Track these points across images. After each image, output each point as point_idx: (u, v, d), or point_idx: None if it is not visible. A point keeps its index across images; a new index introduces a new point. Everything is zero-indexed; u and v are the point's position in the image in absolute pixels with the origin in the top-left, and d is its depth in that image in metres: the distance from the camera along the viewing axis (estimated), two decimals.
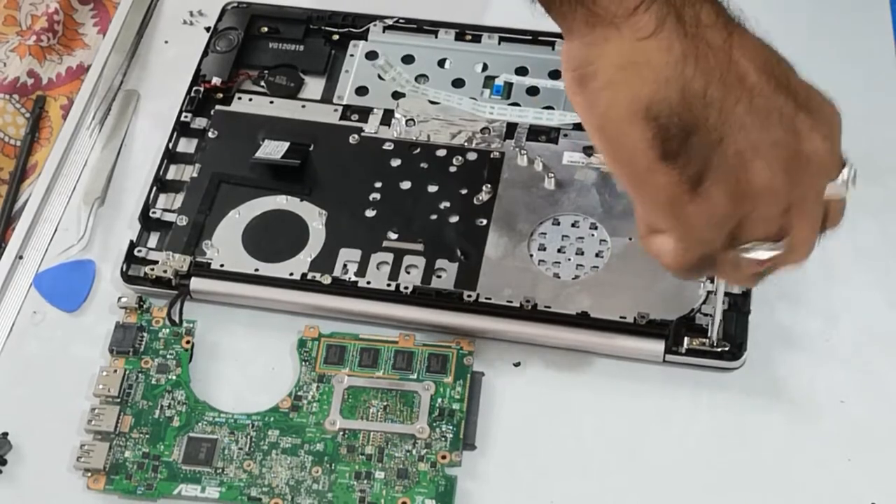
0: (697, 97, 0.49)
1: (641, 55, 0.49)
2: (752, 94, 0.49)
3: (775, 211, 0.51)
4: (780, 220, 0.51)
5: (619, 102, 0.50)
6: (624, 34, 0.49)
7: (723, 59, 0.49)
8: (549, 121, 0.74)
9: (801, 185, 0.51)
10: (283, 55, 0.79)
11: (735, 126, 0.49)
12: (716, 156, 0.49)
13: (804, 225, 0.52)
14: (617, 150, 0.51)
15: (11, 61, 0.81)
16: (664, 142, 0.49)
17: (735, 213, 0.50)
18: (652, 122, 0.49)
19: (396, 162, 0.73)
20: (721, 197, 0.50)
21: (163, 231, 0.72)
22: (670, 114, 0.49)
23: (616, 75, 0.50)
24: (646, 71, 0.49)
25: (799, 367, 0.66)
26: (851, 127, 0.74)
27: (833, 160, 0.52)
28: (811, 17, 0.80)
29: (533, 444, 0.64)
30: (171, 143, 0.75)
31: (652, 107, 0.49)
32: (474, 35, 0.79)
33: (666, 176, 0.49)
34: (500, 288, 0.68)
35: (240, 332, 0.69)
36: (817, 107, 0.51)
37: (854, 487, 0.62)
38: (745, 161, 0.49)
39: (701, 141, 0.49)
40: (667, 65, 0.49)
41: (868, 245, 0.70)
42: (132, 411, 0.65)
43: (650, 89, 0.49)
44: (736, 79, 0.49)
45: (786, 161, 0.50)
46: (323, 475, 0.63)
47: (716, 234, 0.51)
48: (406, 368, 0.66)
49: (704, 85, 0.49)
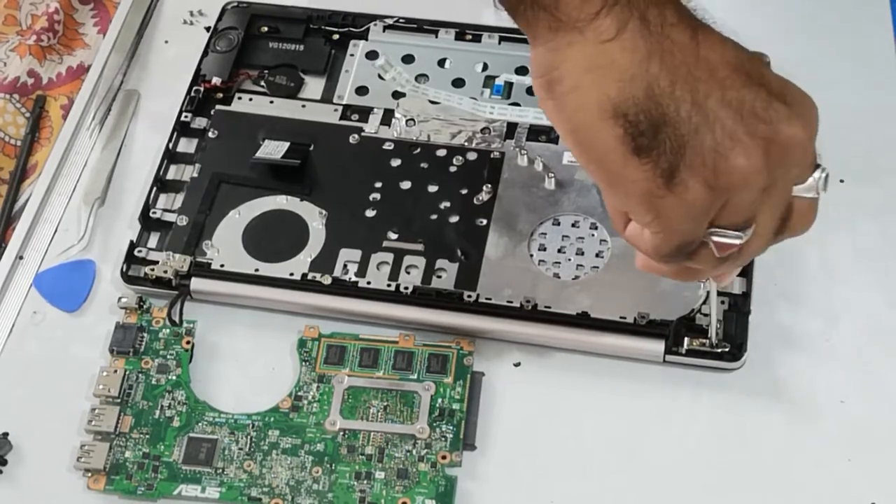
0: (665, 93, 0.49)
1: (606, 57, 0.50)
2: (722, 87, 0.50)
3: (750, 200, 0.51)
4: (752, 209, 0.52)
5: (587, 104, 0.50)
6: (587, 38, 0.50)
7: (689, 56, 0.50)
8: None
9: (776, 174, 0.51)
10: (284, 55, 0.79)
11: (709, 118, 0.49)
12: (689, 148, 0.49)
13: (768, 213, 0.52)
14: (589, 150, 0.51)
15: (12, 61, 0.81)
16: (634, 138, 0.49)
17: (714, 204, 0.51)
18: (620, 120, 0.49)
19: (396, 162, 0.73)
20: (699, 188, 0.50)
21: (163, 231, 0.72)
22: (638, 110, 0.49)
23: (582, 78, 0.50)
24: (611, 72, 0.50)
25: (799, 368, 0.66)
26: (851, 127, 0.75)
27: (809, 150, 0.52)
28: (811, 16, 0.80)
29: (533, 445, 0.64)
30: (172, 143, 0.75)
31: (619, 105, 0.49)
32: (474, 35, 0.79)
33: (639, 171, 0.50)
34: (501, 288, 0.68)
35: (240, 332, 0.69)
36: (794, 98, 0.52)
37: (854, 487, 0.62)
38: (722, 151, 0.50)
39: (672, 134, 0.49)
40: (632, 64, 0.50)
41: (868, 245, 0.70)
42: (132, 411, 0.65)
43: (617, 88, 0.50)
44: (705, 73, 0.50)
45: (763, 149, 0.50)
46: (323, 475, 0.63)
47: (694, 224, 0.51)
48: (406, 369, 0.66)
49: (671, 81, 0.49)
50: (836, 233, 0.70)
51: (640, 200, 0.51)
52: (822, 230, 0.70)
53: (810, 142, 0.52)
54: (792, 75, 0.72)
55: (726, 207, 0.51)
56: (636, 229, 0.54)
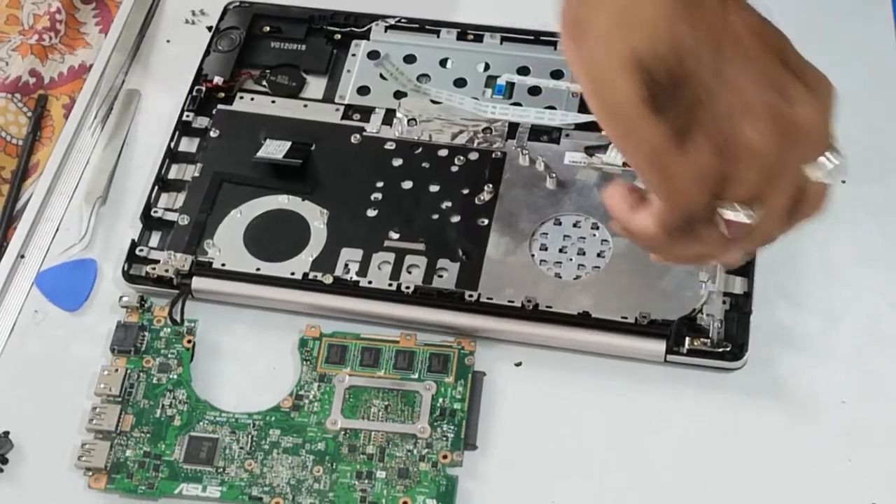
0: (690, 53, 0.49)
1: (635, 9, 0.50)
2: (746, 57, 0.50)
3: (758, 175, 0.51)
4: (760, 185, 0.51)
5: (610, 54, 0.50)
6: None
7: (717, 21, 0.50)
8: (551, 121, 0.74)
9: (788, 153, 0.51)
10: (285, 55, 0.79)
11: (728, 84, 0.49)
12: (705, 111, 0.49)
13: (779, 194, 0.52)
14: (606, 101, 0.51)
15: (13, 60, 0.81)
16: (653, 93, 0.49)
17: (720, 171, 0.51)
18: (643, 73, 0.49)
19: (398, 161, 0.74)
20: (707, 152, 0.50)
21: (164, 230, 0.72)
22: (660, 66, 0.49)
23: (609, 28, 0.50)
24: (639, 24, 0.49)
25: (800, 368, 0.66)
26: (852, 127, 0.74)
27: (823, 134, 0.52)
28: (811, 16, 0.80)
29: (534, 444, 0.64)
30: (173, 143, 0.75)
31: (644, 58, 0.49)
32: (476, 35, 0.79)
33: (653, 127, 0.50)
34: (502, 288, 0.68)
35: (241, 331, 0.69)
36: (813, 79, 0.52)
37: (854, 488, 0.62)
38: (736, 119, 0.49)
39: (690, 95, 0.49)
40: (661, 18, 0.49)
41: (869, 245, 0.70)
42: (133, 410, 0.65)
43: (642, 41, 0.49)
44: (730, 40, 0.50)
45: (777, 125, 0.50)
46: (324, 475, 0.63)
47: (699, 189, 0.51)
48: (407, 368, 0.66)
49: (697, 42, 0.49)
50: (837, 233, 0.70)
51: (650, 158, 0.51)
52: (823, 230, 0.70)
53: (825, 125, 0.52)
54: None
55: (733, 181, 0.51)
56: (643, 217, 0.54)
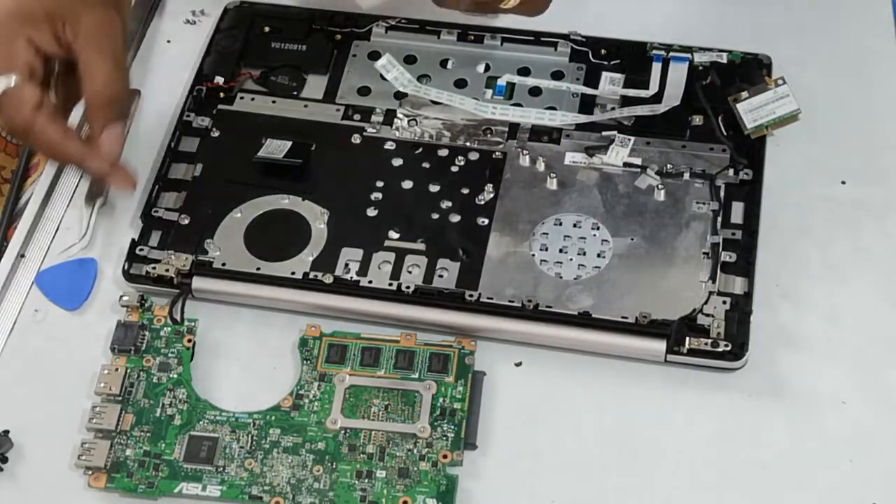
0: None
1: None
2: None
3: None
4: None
5: None
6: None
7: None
8: (552, 121, 0.74)
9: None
10: (286, 55, 0.79)
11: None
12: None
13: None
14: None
15: None
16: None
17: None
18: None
19: (398, 162, 0.74)
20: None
21: (165, 230, 0.72)
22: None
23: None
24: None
25: (800, 368, 0.66)
26: (853, 128, 0.75)
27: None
28: (812, 16, 0.80)
29: (534, 444, 0.64)
30: (174, 142, 0.75)
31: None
32: (476, 36, 0.79)
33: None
34: (502, 287, 0.68)
35: (241, 330, 0.69)
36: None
37: (855, 488, 0.62)
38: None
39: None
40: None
41: (869, 245, 0.70)
42: (133, 410, 0.65)
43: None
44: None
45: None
46: (324, 474, 0.63)
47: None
48: (407, 368, 0.66)
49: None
50: (837, 233, 0.70)
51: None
52: (824, 230, 0.71)
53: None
54: (793, 75, 0.73)
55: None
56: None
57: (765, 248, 0.69)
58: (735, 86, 0.73)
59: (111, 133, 0.69)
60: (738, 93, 0.72)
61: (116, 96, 0.70)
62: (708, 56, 0.76)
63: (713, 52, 0.76)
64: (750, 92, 0.72)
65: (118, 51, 0.70)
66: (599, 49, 0.77)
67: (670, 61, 0.76)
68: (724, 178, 0.71)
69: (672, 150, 0.73)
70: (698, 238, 0.69)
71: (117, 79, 0.69)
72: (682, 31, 0.78)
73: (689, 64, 0.75)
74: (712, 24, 0.79)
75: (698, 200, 0.70)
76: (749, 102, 0.72)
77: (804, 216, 0.71)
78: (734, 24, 0.80)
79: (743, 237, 0.69)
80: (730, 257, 0.68)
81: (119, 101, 0.70)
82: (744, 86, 0.73)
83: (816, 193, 0.72)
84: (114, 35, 0.70)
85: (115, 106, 0.70)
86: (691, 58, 0.76)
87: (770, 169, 0.71)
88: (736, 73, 0.75)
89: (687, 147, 0.73)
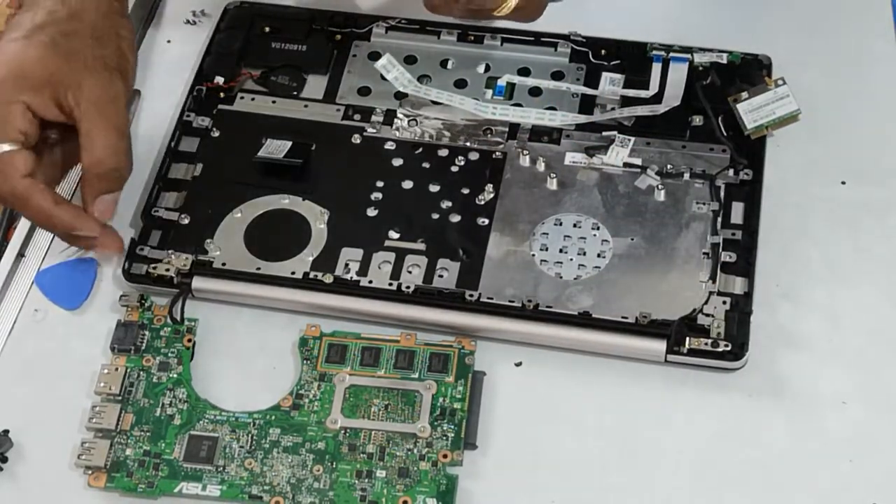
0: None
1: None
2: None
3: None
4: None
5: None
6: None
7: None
8: (552, 121, 0.74)
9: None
10: (286, 55, 0.79)
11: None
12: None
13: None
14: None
15: None
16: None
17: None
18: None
19: (398, 162, 0.74)
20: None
21: (165, 229, 0.72)
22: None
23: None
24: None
25: (801, 368, 0.66)
26: (853, 128, 0.75)
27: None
28: (812, 16, 0.80)
29: (534, 444, 0.64)
30: (174, 142, 0.75)
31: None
32: (477, 36, 0.79)
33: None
34: (502, 287, 0.68)
35: (241, 330, 0.69)
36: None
37: (855, 488, 0.62)
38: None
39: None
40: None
41: (869, 246, 0.70)
42: (133, 409, 0.65)
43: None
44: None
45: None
46: (324, 474, 0.63)
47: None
48: (407, 368, 0.66)
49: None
50: (838, 233, 0.70)
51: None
52: (825, 230, 0.71)
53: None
54: (793, 75, 0.73)
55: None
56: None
57: (765, 249, 0.69)
58: (735, 86, 0.73)
59: (104, 201, 0.68)
60: (738, 93, 0.72)
61: (117, 167, 0.68)
62: (708, 56, 0.76)
63: (713, 52, 0.76)
64: (750, 92, 0.72)
65: (121, 120, 0.68)
66: (599, 49, 0.77)
67: (670, 62, 0.76)
68: (725, 178, 0.71)
69: (672, 151, 0.73)
70: (698, 238, 0.69)
71: (119, 150, 0.68)
72: (682, 31, 0.78)
73: (689, 64, 0.75)
74: (712, 25, 0.79)
75: (698, 200, 0.70)
76: (749, 103, 0.72)
77: (804, 216, 0.71)
78: (734, 25, 0.80)
79: (743, 237, 0.69)
80: (730, 257, 0.68)
81: (118, 172, 0.68)
82: (744, 86, 0.73)
83: (816, 193, 0.72)
84: (118, 103, 0.68)
85: (113, 176, 0.68)
86: (691, 58, 0.76)
87: (770, 169, 0.71)
88: (736, 74, 0.75)
89: (687, 147, 0.73)
